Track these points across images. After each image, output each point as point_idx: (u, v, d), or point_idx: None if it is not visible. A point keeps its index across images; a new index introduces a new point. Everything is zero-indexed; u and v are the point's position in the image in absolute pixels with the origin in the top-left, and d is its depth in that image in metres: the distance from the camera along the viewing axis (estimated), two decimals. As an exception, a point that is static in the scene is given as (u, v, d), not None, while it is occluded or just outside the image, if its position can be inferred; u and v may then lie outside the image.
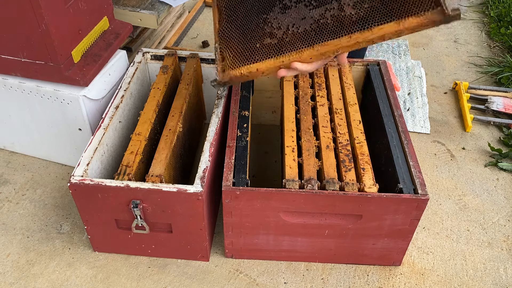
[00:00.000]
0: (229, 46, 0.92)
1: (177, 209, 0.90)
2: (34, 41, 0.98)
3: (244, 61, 0.90)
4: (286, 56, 0.87)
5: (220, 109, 1.05)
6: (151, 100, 1.07)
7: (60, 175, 1.23)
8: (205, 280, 0.99)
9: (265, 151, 1.31)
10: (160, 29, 1.66)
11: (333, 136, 1.00)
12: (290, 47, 0.87)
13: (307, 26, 0.86)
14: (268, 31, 0.89)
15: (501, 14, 1.93)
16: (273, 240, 0.97)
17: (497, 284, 1.00)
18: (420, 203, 0.87)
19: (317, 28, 0.84)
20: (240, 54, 0.91)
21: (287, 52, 0.87)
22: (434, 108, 1.50)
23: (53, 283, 0.98)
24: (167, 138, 0.99)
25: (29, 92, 1.09)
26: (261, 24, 0.90)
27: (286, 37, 0.87)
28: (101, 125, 1.00)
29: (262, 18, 0.91)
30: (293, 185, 0.88)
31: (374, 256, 1.00)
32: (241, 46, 0.91)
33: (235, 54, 0.91)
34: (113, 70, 1.15)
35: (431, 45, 1.82)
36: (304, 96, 1.10)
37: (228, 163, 0.92)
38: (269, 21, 0.90)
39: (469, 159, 1.31)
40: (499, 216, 1.15)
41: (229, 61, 0.91)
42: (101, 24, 1.14)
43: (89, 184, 0.87)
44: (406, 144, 0.97)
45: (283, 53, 0.87)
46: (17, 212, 1.13)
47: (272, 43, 0.88)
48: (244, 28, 0.92)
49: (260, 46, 0.89)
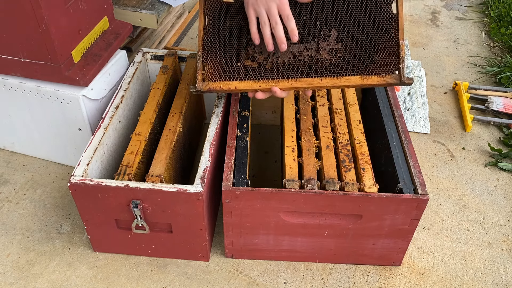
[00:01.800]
0: (211, 58, 0.96)
1: (177, 209, 0.90)
2: (34, 41, 0.98)
3: (224, 77, 0.95)
4: (263, 82, 0.94)
5: (220, 109, 1.05)
6: (151, 100, 1.07)
7: (60, 175, 1.23)
8: (205, 280, 0.99)
9: (265, 151, 1.31)
10: (160, 29, 1.66)
11: (333, 136, 1.01)
12: (268, 75, 0.94)
13: (286, 59, 0.93)
14: (251, 53, 0.95)
15: (501, 14, 1.93)
16: (273, 240, 0.97)
17: (497, 284, 1.00)
18: (420, 203, 0.87)
19: (294, 63, 0.93)
20: (221, 69, 0.95)
21: (265, 79, 0.93)
22: (434, 108, 1.50)
23: (53, 283, 0.98)
24: (167, 138, 0.99)
25: (29, 92, 1.09)
26: (245, 45, 0.95)
27: (266, 63, 0.94)
28: (101, 125, 1.00)
29: (247, 38, 0.95)
30: (293, 185, 0.88)
31: (374, 256, 1.00)
32: (223, 61, 0.95)
33: (217, 68, 0.96)
34: (113, 70, 1.15)
35: (431, 45, 1.82)
36: (304, 96, 1.10)
37: (228, 163, 0.92)
38: (252, 43, 0.94)
39: (469, 159, 1.31)
40: (499, 216, 1.15)
41: (210, 72, 0.96)
42: (101, 24, 1.14)
43: (89, 184, 0.87)
44: (406, 144, 0.97)
45: (262, 78, 0.94)
46: (17, 212, 1.13)
47: (253, 66, 0.94)
48: (228, 43, 0.96)
49: (241, 66, 0.95)
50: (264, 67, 0.94)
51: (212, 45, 0.96)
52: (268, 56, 0.93)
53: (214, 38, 0.96)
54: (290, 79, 0.92)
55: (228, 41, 0.95)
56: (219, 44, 0.96)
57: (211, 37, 0.96)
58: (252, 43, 0.94)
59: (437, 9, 2.08)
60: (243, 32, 0.95)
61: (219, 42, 0.96)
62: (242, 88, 0.95)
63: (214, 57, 0.96)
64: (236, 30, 0.95)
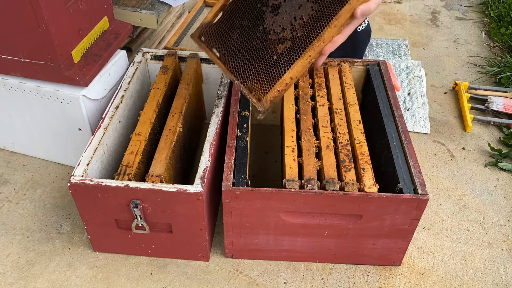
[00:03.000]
0: (249, 76, 0.87)
1: (177, 209, 0.90)
2: (34, 41, 0.98)
3: (273, 79, 0.86)
4: (310, 50, 0.83)
5: (220, 109, 1.05)
6: (151, 100, 1.07)
7: (60, 175, 1.23)
8: (205, 280, 0.99)
9: (265, 151, 1.31)
10: (160, 29, 1.66)
11: (333, 136, 1.00)
12: (308, 39, 0.83)
13: (310, 11, 0.83)
14: (275, 38, 0.86)
15: (501, 14, 1.93)
16: (273, 240, 0.97)
17: (497, 284, 1.00)
18: (420, 203, 0.87)
19: (321, 7, 0.82)
20: (264, 76, 0.86)
21: (309, 45, 0.83)
22: (434, 108, 1.50)
23: (53, 283, 0.98)
24: (167, 138, 0.99)
25: (29, 92, 1.09)
26: (263, 36, 0.87)
27: (297, 32, 0.84)
28: (101, 125, 1.00)
29: (260, 30, 0.87)
30: (293, 185, 0.88)
31: (374, 256, 1.00)
32: (260, 69, 0.87)
33: (260, 79, 0.86)
34: (113, 70, 1.15)
35: (431, 45, 1.82)
36: (304, 96, 1.10)
37: (228, 163, 0.92)
38: (269, 29, 0.87)
39: (469, 159, 1.31)
40: (499, 216, 1.15)
41: (259, 88, 0.86)
42: (101, 24, 1.14)
43: (89, 184, 0.87)
44: (406, 144, 0.97)
45: (305, 47, 0.83)
46: (17, 212, 1.13)
47: (287, 46, 0.85)
48: (250, 51, 0.88)
49: (277, 57, 0.86)
50: (298, 37, 0.84)
51: (240, 66, 0.88)
52: (293, 24, 0.85)
53: (236, 59, 0.89)
54: (329, 23, 0.82)
55: (248, 48, 0.87)
56: (245, 60, 0.87)
57: (233, 61, 0.88)
58: (269, 29, 0.86)
59: (437, 9, 2.08)
60: (253, 28, 0.87)
61: (243, 58, 0.87)
62: (296, 73, 0.85)
63: (250, 73, 0.87)
64: (246, 33, 0.88)
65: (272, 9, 0.87)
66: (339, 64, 1.19)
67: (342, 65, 1.19)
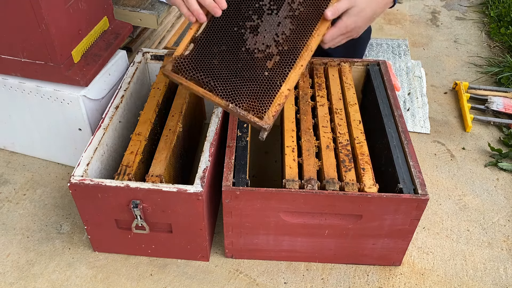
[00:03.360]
0: (243, 97, 0.85)
1: (177, 209, 0.90)
2: (34, 41, 0.98)
3: (270, 94, 0.85)
4: (301, 60, 0.84)
5: (220, 109, 1.05)
6: (151, 100, 1.07)
7: (60, 175, 1.23)
8: (205, 280, 0.99)
9: (265, 151, 1.31)
10: (160, 29, 1.66)
11: (333, 136, 1.00)
12: (296, 51, 0.85)
13: (290, 25, 0.85)
14: (261, 56, 0.86)
15: (501, 14, 1.93)
16: (273, 240, 0.97)
17: (497, 284, 1.00)
18: (420, 203, 0.87)
19: (298, 19, 0.85)
20: (260, 93, 0.85)
21: (298, 55, 0.84)
22: (434, 108, 1.50)
23: (53, 283, 0.98)
24: (167, 138, 0.99)
25: (29, 92, 1.09)
26: (248, 57, 0.86)
27: (283, 47, 0.85)
28: (101, 125, 1.00)
29: (243, 51, 0.86)
30: (293, 185, 0.88)
31: (374, 256, 1.00)
32: (254, 87, 0.85)
33: (256, 97, 0.85)
34: (113, 70, 1.15)
35: (431, 45, 1.82)
36: (304, 96, 1.10)
37: (228, 163, 0.92)
38: (252, 49, 0.86)
39: (469, 159, 1.31)
40: (499, 216, 1.15)
41: (258, 106, 0.84)
42: (101, 24, 1.14)
43: (89, 184, 0.87)
44: (406, 144, 0.97)
45: (296, 58, 0.84)
46: (17, 212, 1.13)
47: (276, 61, 0.85)
48: (237, 73, 0.85)
49: (269, 73, 0.85)
50: (285, 50, 0.84)
51: (235, 89, 0.84)
52: (276, 41, 0.86)
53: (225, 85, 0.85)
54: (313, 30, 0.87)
55: (236, 73, 0.85)
56: (237, 83, 0.84)
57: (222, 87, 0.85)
58: (252, 49, 0.86)
59: (437, 9, 2.08)
60: (234, 50, 0.86)
61: (234, 82, 0.84)
62: (292, 83, 0.85)
63: (245, 96, 0.84)
64: (226, 57, 0.86)
65: (251, 30, 0.88)
66: (339, 64, 1.19)
67: (342, 65, 1.19)
